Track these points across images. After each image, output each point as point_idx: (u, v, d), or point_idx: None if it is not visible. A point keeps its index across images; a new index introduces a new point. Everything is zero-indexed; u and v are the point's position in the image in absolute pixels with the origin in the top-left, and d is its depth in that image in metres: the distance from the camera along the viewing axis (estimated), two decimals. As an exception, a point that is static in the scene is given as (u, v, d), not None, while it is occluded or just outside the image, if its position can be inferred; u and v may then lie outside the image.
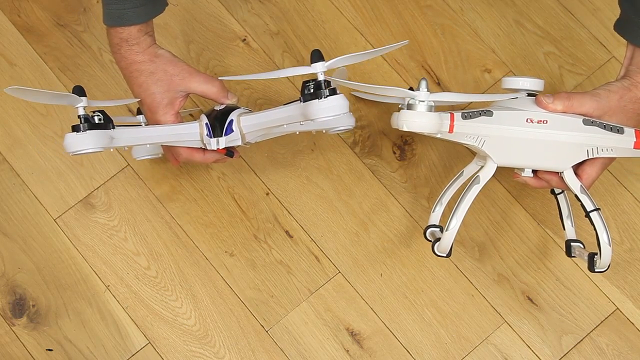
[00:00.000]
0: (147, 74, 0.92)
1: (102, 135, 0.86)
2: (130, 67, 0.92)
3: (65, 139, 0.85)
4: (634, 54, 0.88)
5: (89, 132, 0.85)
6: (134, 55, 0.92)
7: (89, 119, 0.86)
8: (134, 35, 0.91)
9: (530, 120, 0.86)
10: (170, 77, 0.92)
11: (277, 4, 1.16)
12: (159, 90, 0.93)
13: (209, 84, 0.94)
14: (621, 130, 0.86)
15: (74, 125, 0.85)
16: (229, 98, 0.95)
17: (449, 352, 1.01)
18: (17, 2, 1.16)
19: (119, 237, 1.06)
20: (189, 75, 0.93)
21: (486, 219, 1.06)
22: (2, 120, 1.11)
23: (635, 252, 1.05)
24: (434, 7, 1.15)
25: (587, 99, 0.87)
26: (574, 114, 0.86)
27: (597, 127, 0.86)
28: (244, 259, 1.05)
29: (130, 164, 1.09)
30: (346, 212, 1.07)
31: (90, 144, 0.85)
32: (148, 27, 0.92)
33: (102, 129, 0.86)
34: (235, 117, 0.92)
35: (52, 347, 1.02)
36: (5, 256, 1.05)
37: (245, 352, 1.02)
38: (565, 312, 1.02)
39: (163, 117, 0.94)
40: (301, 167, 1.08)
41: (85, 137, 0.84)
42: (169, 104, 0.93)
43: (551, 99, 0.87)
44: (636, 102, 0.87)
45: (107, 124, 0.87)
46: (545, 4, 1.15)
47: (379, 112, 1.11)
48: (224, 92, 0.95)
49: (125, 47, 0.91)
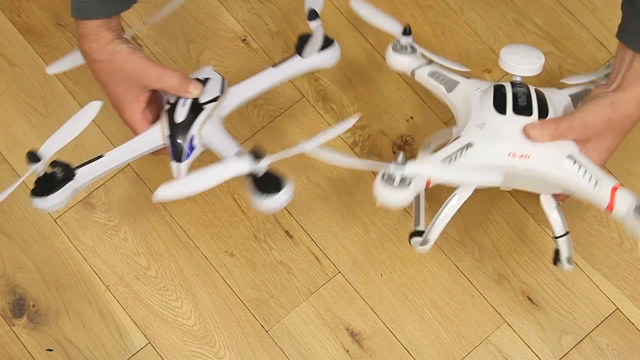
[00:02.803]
0: (107, 74, 0.90)
1: (65, 189, 0.87)
2: (92, 66, 0.90)
3: (32, 201, 0.86)
4: (633, 61, 0.85)
5: (50, 196, 0.86)
6: (93, 53, 0.89)
7: (50, 177, 0.86)
8: (92, 32, 0.87)
9: (512, 154, 0.84)
10: (128, 74, 0.89)
11: (277, 4, 1.16)
12: (121, 90, 0.90)
13: (164, 80, 0.90)
14: (598, 185, 0.83)
15: (33, 190, 0.86)
16: (190, 91, 0.91)
17: (449, 352, 1.01)
18: (17, 2, 1.16)
19: (119, 237, 1.06)
20: (145, 72, 0.89)
21: (486, 219, 1.06)
22: (2, 120, 1.11)
23: (635, 252, 1.05)
24: (434, 7, 1.15)
25: (575, 126, 0.84)
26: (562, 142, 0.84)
27: (578, 171, 0.84)
28: (244, 259, 1.05)
29: (130, 164, 1.09)
30: (346, 212, 1.07)
31: (57, 201, 0.86)
32: (111, 23, 0.88)
33: (64, 184, 0.87)
34: (196, 131, 0.90)
35: (52, 347, 1.02)
36: (5, 256, 1.05)
37: (245, 352, 1.02)
38: (565, 312, 1.02)
39: (130, 116, 0.92)
40: (301, 167, 1.08)
41: (50, 199, 0.86)
42: (134, 101, 0.91)
43: (539, 130, 0.84)
44: (625, 119, 0.85)
45: (68, 174, 0.87)
46: (545, 4, 1.15)
47: (379, 112, 1.11)
48: (184, 85, 0.91)
49: (86, 44, 0.88)
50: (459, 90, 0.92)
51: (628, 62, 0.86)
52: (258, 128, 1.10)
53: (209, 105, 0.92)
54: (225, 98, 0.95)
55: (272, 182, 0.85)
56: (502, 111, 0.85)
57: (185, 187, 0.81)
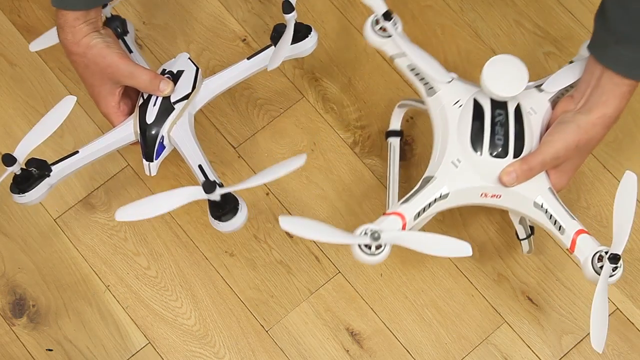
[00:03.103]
0: (82, 67, 0.91)
1: (42, 186, 0.91)
2: (69, 57, 0.91)
3: (14, 198, 0.91)
4: (601, 77, 0.84)
5: (27, 193, 0.90)
6: (69, 45, 0.90)
7: (27, 174, 0.90)
8: (69, 23, 0.88)
9: (484, 195, 0.87)
10: (102, 69, 0.90)
11: (277, 4, 1.16)
12: (96, 83, 0.92)
13: (135, 78, 0.91)
14: (561, 229, 0.85)
15: (11, 187, 0.90)
16: (162, 89, 0.92)
17: (449, 352, 1.01)
18: (17, 2, 1.16)
19: (119, 237, 1.06)
20: (117, 68, 0.90)
21: (486, 219, 1.06)
22: (2, 120, 1.11)
23: (636, 252, 1.05)
24: (434, 7, 1.15)
25: (547, 161, 0.85)
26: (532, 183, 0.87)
27: (544, 215, 0.86)
28: (244, 259, 1.05)
29: (130, 164, 1.09)
30: (346, 212, 1.07)
31: (35, 197, 0.91)
32: (88, 15, 0.89)
33: (40, 181, 0.91)
34: (166, 132, 0.92)
35: (52, 347, 1.02)
36: (5, 256, 1.05)
37: (245, 352, 1.02)
38: (565, 312, 1.02)
39: (105, 109, 0.94)
40: (301, 167, 1.08)
41: (27, 195, 0.91)
42: (108, 94, 0.92)
43: (513, 176, 0.85)
44: (591, 141, 0.86)
45: (43, 172, 0.91)
46: (545, 4, 1.15)
47: (379, 112, 1.11)
48: (155, 83, 0.92)
49: (62, 35, 0.89)
50: (438, 101, 0.90)
51: (597, 78, 0.85)
52: (258, 128, 1.10)
53: (179, 104, 0.94)
54: (197, 94, 0.96)
55: (227, 206, 0.88)
56: (478, 148, 0.86)
57: (142, 211, 0.85)
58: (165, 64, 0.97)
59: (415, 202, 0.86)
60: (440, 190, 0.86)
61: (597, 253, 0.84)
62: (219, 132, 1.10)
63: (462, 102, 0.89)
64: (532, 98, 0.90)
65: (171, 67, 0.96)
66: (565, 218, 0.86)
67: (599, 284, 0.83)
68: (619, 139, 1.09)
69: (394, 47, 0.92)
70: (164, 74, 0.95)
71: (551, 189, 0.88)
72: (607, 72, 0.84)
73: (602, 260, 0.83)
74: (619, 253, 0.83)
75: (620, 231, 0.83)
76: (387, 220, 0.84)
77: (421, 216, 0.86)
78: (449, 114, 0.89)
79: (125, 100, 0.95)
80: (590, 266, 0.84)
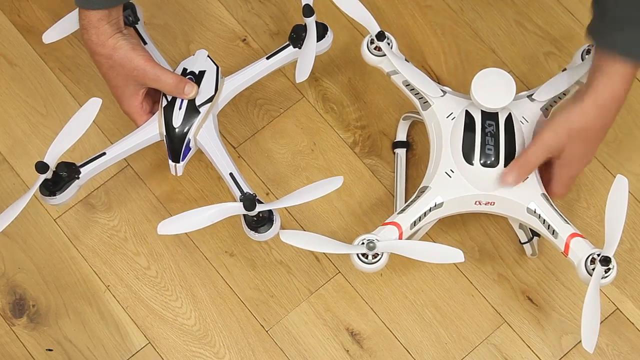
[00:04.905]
0: (107, 68, 0.92)
1: (72, 187, 0.94)
2: (93, 57, 0.92)
3: (45, 200, 0.94)
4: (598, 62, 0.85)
5: (58, 195, 0.93)
6: (94, 46, 0.91)
7: (57, 177, 0.92)
8: (93, 24, 0.89)
9: (478, 203, 0.90)
10: (128, 72, 0.92)
11: (277, 4, 1.16)
12: (120, 84, 0.93)
13: (161, 81, 0.93)
14: (555, 233, 0.88)
15: (42, 190, 0.93)
16: (186, 93, 0.94)
17: (449, 352, 1.01)
18: (17, 2, 1.16)
19: (119, 237, 1.06)
20: (143, 72, 0.92)
21: (486, 219, 1.06)
22: (2, 120, 1.11)
23: (635, 252, 1.05)
24: (434, 7, 1.15)
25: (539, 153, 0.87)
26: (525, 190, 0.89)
27: (537, 220, 0.89)
28: (244, 259, 1.05)
29: (130, 164, 1.09)
30: (346, 212, 1.07)
31: (65, 199, 0.94)
32: (110, 16, 0.90)
33: (70, 184, 0.93)
34: (192, 135, 0.95)
35: (52, 347, 1.02)
36: (5, 256, 1.05)
37: (245, 352, 1.02)
38: (565, 312, 1.02)
39: (128, 108, 0.95)
40: (301, 167, 1.08)
41: (58, 197, 0.94)
42: (133, 95, 0.94)
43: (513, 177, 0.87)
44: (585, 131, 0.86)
45: (73, 175, 0.93)
46: (545, 4, 1.15)
47: (379, 112, 1.11)
48: (180, 86, 0.93)
49: (86, 35, 0.90)
50: (432, 114, 0.94)
51: (592, 67, 0.86)
52: (258, 128, 1.10)
53: (204, 107, 0.95)
54: (220, 96, 0.97)
55: (264, 219, 0.92)
56: (469, 158, 0.89)
57: (183, 225, 0.90)
58: (185, 61, 0.98)
59: (410, 212, 0.89)
60: (435, 200, 0.90)
61: (589, 255, 0.86)
62: (219, 132, 1.10)
63: (455, 115, 0.92)
64: (524, 107, 0.93)
65: (192, 67, 0.97)
66: (558, 222, 0.88)
67: (590, 285, 0.84)
68: (619, 139, 1.09)
69: (389, 65, 0.96)
70: (185, 74, 0.96)
71: (545, 195, 0.89)
72: (600, 59, 0.85)
73: (595, 262, 0.85)
74: (610, 255, 0.84)
75: (612, 234, 0.85)
76: (384, 230, 0.89)
77: (418, 225, 0.89)
78: (442, 126, 0.92)
79: (147, 99, 0.96)
80: (583, 268, 0.85)
